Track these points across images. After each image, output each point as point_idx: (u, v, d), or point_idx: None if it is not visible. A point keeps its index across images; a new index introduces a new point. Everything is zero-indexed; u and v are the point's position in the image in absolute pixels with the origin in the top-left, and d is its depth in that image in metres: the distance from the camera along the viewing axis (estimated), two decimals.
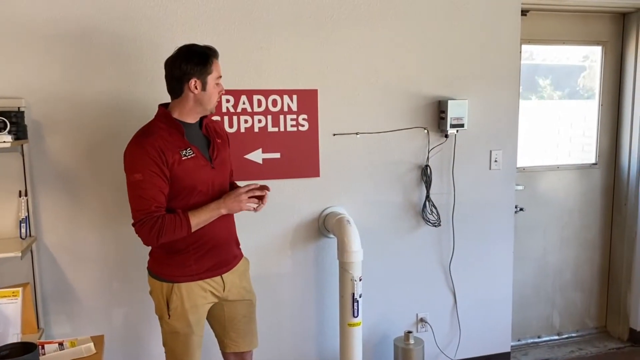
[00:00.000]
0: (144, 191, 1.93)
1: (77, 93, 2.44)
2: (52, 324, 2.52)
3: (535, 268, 3.57)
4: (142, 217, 1.94)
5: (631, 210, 3.55)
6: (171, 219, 1.96)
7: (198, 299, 2.11)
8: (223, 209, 2.05)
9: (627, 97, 3.50)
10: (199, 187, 2.04)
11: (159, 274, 2.11)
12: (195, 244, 2.08)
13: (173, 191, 2.01)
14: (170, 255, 2.08)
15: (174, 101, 2.06)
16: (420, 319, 3.11)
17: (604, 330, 3.79)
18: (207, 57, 2.00)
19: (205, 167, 2.07)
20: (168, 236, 1.97)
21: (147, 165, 1.92)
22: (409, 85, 2.90)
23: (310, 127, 2.77)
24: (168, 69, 2.03)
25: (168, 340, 2.17)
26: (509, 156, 3.14)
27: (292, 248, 2.83)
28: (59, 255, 2.51)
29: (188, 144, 2.03)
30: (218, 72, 2.05)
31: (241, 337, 2.31)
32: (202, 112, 2.08)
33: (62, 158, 2.46)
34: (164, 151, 1.95)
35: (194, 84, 1.99)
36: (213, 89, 2.04)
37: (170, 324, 2.11)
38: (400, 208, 2.99)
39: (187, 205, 2.03)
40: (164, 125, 2.02)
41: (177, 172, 1.98)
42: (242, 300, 2.28)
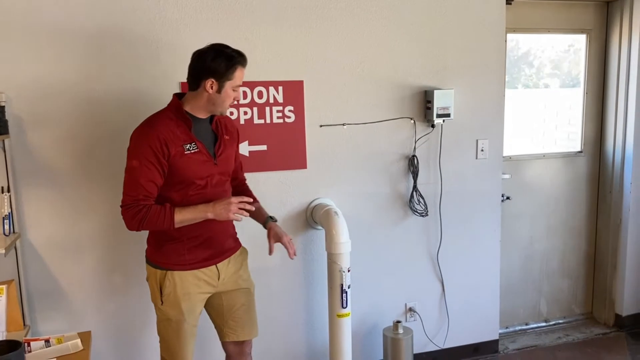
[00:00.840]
0: (137, 179, 1.96)
1: (58, 87, 2.41)
2: (39, 320, 2.50)
3: (522, 256, 3.60)
4: (129, 202, 1.98)
5: (616, 198, 3.58)
6: (156, 211, 1.98)
7: (191, 287, 2.12)
8: (210, 214, 2.04)
9: (612, 85, 3.52)
10: (197, 182, 2.06)
11: (154, 261, 2.14)
12: (190, 235, 2.10)
13: (172, 182, 2.03)
14: (165, 243, 2.11)
15: (189, 93, 2.07)
16: (409, 308, 3.12)
17: (591, 316, 3.83)
18: (233, 63, 2.00)
19: (207, 162, 2.09)
20: (150, 226, 2.00)
21: (146, 155, 1.95)
22: (395, 75, 2.89)
23: (296, 118, 2.76)
24: (192, 61, 2.04)
25: (161, 328, 2.19)
26: (495, 145, 3.15)
27: None
28: (43, 251, 2.48)
29: (193, 139, 2.05)
30: (239, 80, 2.05)
31: (240, 326, 2.33)
32: (212, 112, 2.10)
33: (44, 153, 2.43)
34: (167, 143, 1.97)
35: (210, 84, 2.00)
36: (228, 94, 2.04)
37: (162, 310, 2.14)
38: (388, 198, 2.99)
39: (185, 197, 2.06)
40: (173, 116, 2.04)
41: (178, 165, 2.01)
42: (239, 289, 2.30)
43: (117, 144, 2.50)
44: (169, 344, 2.19)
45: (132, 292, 2.63)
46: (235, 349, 2.38)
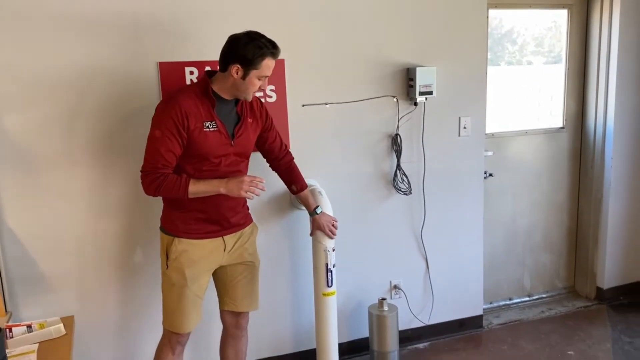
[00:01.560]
0: (158, 148, 2.05)
1: (33, 69, 2.35)
2: (21, 306, 2.47)
3: (505, 232, 3.63)
4: (148, 169, 2.08)
5: (597, 173, 3.62)
6: (172, 180, 2.08)
7: (196, 255, 2.20)
8: (223, 189, 2.12)
9: (593, 61, 3.53)
10: (211, 159, 2.14)
11: (165, 227, 2.24)
12: (198, 208, 2.18)
13: (187, 154, 2.11)
14: (175, 211, 2.21)
15: (219, 73, 2.13)
16: (393, 286, 3.15)
17: (573, 290, 3.90)
18: (262, 53, 2.04)
19: (225, 142, 2.15)
20: (165, 193, 2.11)
21: (168, 126, 2.04)
22: (377, 53, 2.86)
23: (278, 98, 2.73)
24: (226, 44, 2.09)
25: (165, 295, 2.26)
26: (477, 122, 3.15)
27: (265, 221, 2.81)
28: (23, 237, 2.44)
29: (214, 117, 2.12)
30: (266, 71, 2.09)
31: (240, 297, 2.39)
32: (236, 96, 2.15)
33: (21, 137, 2.38)
34: (188, 117, 2.05)
35: (235, 70, 2.05)
36: (252, 83, 2.09)
37: (167, 275, 2.22)
38: (372, 178, 2.99)
39: (198, 171, 2.14)
40: (200, 92, 2.11)
41: (195, 140, 2.08)
42: (243, 262, 2.36)
43: (95, 126, 2.46)
44: (171, 310, 2.25)
45: (114, 276, 2.61)
46: (232, 320, 2.44)
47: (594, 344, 3.19)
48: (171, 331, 2.26)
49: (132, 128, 2.50)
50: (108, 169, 2.51)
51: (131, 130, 2.50)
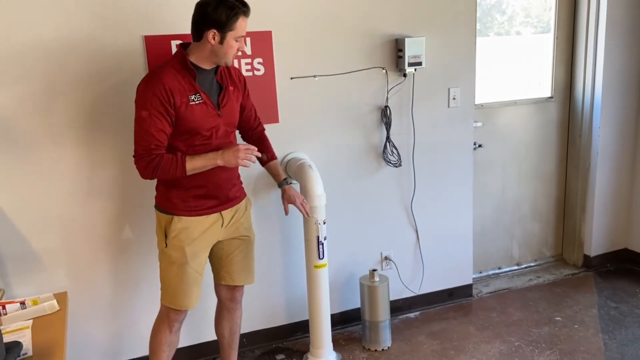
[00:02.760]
0: (148, 129, 2.02)
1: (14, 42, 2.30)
2: (13, 284, 2.47)
3: (494, 202, 3.67)
4: (142, 152, 2.05)
5: (585, 143, 3.64)
6: (168, 159, 2.05)
7: (195, 232, 2.20)
8: (219, 161, 2.10)
9: (581, 31, 3.52)
10: (202, 132, 2.11)
11: (162, 207, 2.22)
12: (195, 183, 2.16)
13: (178, 132, 2.08)
14: (171, 190, 2.18)
15: (193, 44, 2.08)
16: (384, 257, 3.18)
17: (561, 258, 3.96)
18: (235, 13, 1.99)
19: (212, 113, 2.13)
20: (162, 174, 2.08)
21: (154, 105, 2.00)
22: (365, 24, 2.84)
23: (266, 71, 2.70)
24: (195, 11, 2.03)
25: (164, 273, 2.26)
26: (467, 93, 3.15)
27: (255, 196, 2.81)
28: (13, 214, 2.43)
29: (198, 90, 2.08)
30: (241, 31, 2.05)
31: (236, 271, 2.40)
32: (216, 63, 2.12)
33: (4, 113, 2.34)
34: (173, 93, 2.01)
35: (212, 35, 2.01)
36: (231, 45, 2.04)
37: (166, 253, 2.21)
38: (361, 150, 2.99)
39: (191, 146, 2.12)
40: (179, 66, 2.07)
41: (183, 115, 2.05)
42: (239, 237, 2.37)
43: (80, 101, 2.43)
44: (171, 290, 2.25)
45: (106, 252, 2.62)
46: (227, 293, 2.45)
47: (581, 310, 3.26)
48: (170, 308, 2.26)
49: (117, 104, 2.47)
50: (93, 147, 2.49)
51: (118, 106, 2.47)
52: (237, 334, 2.55)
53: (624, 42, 3.46)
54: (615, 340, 2.93)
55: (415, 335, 3.10)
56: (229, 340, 2.53)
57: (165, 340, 2.31)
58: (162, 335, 2.31)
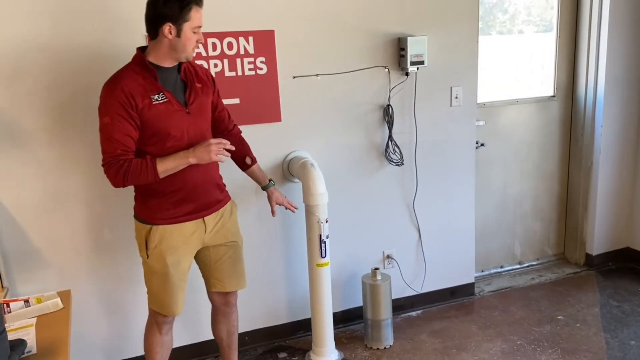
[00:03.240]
0: (112, 134, 1.96)
1: (23, 42, 2.31)
2: (17, 282, 2.49)
3: (496, 201, 3.67)
4: (109, 160, 1.98)
5: (587, 141, 3.64)
6: (137, 163, 1.98)
7: (176, 240, 2.15)
8: (192, 158, 2.04)
9: (584, 29, 3.51)
10: (172, 132, 2.04)
11: (141, 217, 2.17)
12: (172, 188, 2.10)
13: (146, 135, 2.02)
14: (149, 198, 2.12)
15: (151, 43, 2.04)
16: (386, 255, 3.19)
17: (562, 257, 3.96)
18: (186, 3, 1.95)
19: (179, 112, 2.06)
20: (134, 180, 2.01)
21: (115, 109, 1.94)
22: (368, 23, 2.84)
23: (269, 70, 2.71)
24: (146, 9, 1.99)
25: (147, 280, 2.23)
26: (469, 92, 3.15)
27: (257, 195, 2.81)
28: (17, 212, 2.44)
29: (161, 89, 2.02)
30: (197, 20, 1.99)
31: (227, 277, 2.36)
32: (177, 59, 2.05)
33: (11, 111, 2.36)
34: (133, 95, 1.95)
35: (168, 29, 1.95)
36: (189, 37, 1.99)
37: (148, 263, 2.18)
38: (364, 149, 3.00)
39: (162, 150, 2.04)
40: (138, 68, 2.01)
41: (148, 117, 1.99)
42: (227, 243, 2.31)
43: (88, 100, 2.43)
44: (156, 295, 2.23)
45: (109, 249, 2.62)
46: (220, 299, 2.43)
47: (583, 309, 3.26)
48: (158, 312, 2.25)
49: None
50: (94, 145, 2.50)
51: None
52: (235, 334, 2.53)
53: (626, 41, 3.46)
54: (617, 339, 2.94)
55: (418, 333, 3.10)
56: (228, 341, 2.52)
57: (156, 341, 2.31)
58: (153, 337, 2.31)
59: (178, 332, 2.65)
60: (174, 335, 2.39)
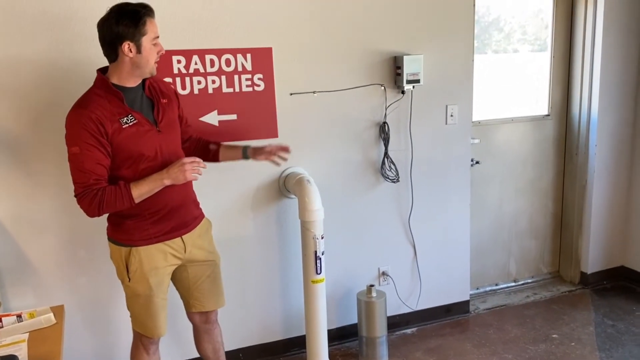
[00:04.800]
0: (82, 164, 1.90)
1: (14, 58, 2.32)
2: (10, 296, 2.47)
3: (491, 218, 3.68)
4: (82, 191, 1.92)
5: (582, 160, 3.67)
6: (111, 191, 1.93)
7: (157, 261, 2.11)
8: (166, 180, 1.99)
9: (578, 49, 3.56)
10: (145, 153, 2.00)
11: (117, 239, 2.10)
12: (151, 209, 2.06)
13: (119, 160, 1.97)
14: (126, 220, 2.06)
15: (111, 65, 1.98)
16: (382, 272, 3.18)
17: (557, 275, 3.97)
18: (140, 17, 1.89)
19: (150, 131, 2.02)
20: (109, 208, 1.96)
21: (84, 138, 1.88)
22: (364, 41, 2.87)
23: (266, 86, 2.73)
24: (100, 32, 1.93)
25: (131, 304, 2.18)
26: (464, 110, 3.18)
27: (253, 210, 2.82)
28: (10, 226, 2.44)
29: (129, 111, 1.97)
30: (154, 32, 1.94)
31: (206, 297, 2.33)
32: (142, 76, 2.00)
33: (5, 126, 2.36)
34: (102, 122, 1.89)
35: (127, 48, 1.90)
36: (149, 51, 1.94)
37: (131, 287, 2.12)
38: (360, 165, 3.01)
39: (136, 172, 2.00)
40: (102, 92, 1.95)
41: (119, 141, 1.94)
42: (205, 261, 2.28)
43: None
44: (140, 319, 2.19)
45: (103, 265, 2.60)
46: (201, 318, 2.39)
47: (578, 327, 3.26)
48: (142, 335, 2.22)
49: None
50: None
51: None
52: (221, 350, 2.49)
53: (620, 61, 3.50)
54: (612, 358, 2.93)
55: (412, 351, 3.09)
56: (215, 358, 2.48)
57: None
58: (140, 358, 2.27)
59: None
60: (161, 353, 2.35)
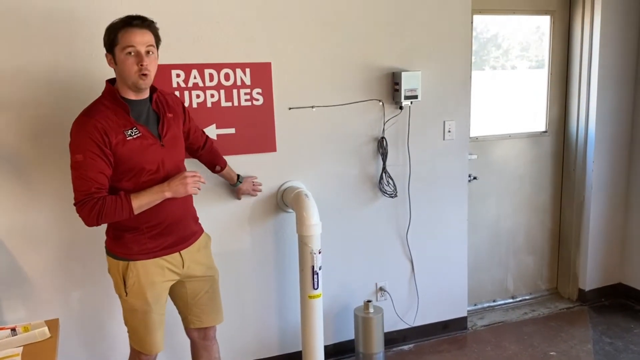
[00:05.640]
0: (85, 172, 1.91)
1: (18, 71, 2.34)
2: (4, 310, 2.45)
3: (489, 234, 3.68)
4: (83, 198, 1.93)
5: (579, 176, 3.68)
6: (112, 200, 1.94)
7: (155, 276, 2.10)
8: (167, 192, 2.01)
9: (575, 66, 3.59)
10: (147, 167, 2.01)
11: (115, 252, 2.10)
12: (149, 223, 2.06)
13: (120, 172, 1.98)
14: (125, 233, 2.07)
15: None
16: (379, 288, 3.17)
17: (555, 292, 3.95)
18: (114, 29, 1.92)
19: (153, 145, 2.03)
20: (108, 218, 1.96)
21: (88, 147, 1.90)
22: (363, 57, 2.89)
23: (265, 101, 2.74)
24: None
25: (128, 319, 2.17)
26: (462, 126, 3.19)
27: (251, 224, 2.82)
28: (7, 239, 2.43)
29: (134, 123, 1.99)
30: (127, 42, 1.90)
31: (205, 313, 2.32)
32: (133, 88, 1.99)
33: (4, 139, 2.36)
34: (107, 132, 1.92)
35: (109, 60, 1.97)
36: (123, 61, 1.92)
37: (128, 301, 2.11)
38: (358, 180, 3.01)
39: (137, 185, 2.01)
40: (109, 103, 1.98)
41: (122, 153, 1.95)
42: (203, 277, 2.27)
43: None
44: (137, 335, 2.17)
45: (98, 279, 2.59)
46: (199, 334, 2.38)
47: (576, 345, 3.24)
48: (140, 352, 2.20)
49: None
50: None
51: None
52: None
53: (616, 78, 3.52)
54: None
55: None
56: None
57: None
58: None
59: None
60: None
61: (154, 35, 1.99)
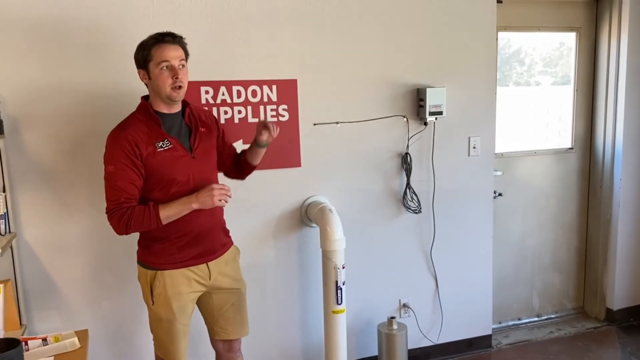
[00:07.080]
0: (116, 182, 1.98)
1: (53, 87, 2.41)
2: (35, 320, 2.51)
3: (514, 251, 3.64)
4: (113, 207, 1.99)
5: (606, 193, 3.63)
6: (140, 210, 1.99)
7: (181, 286, 2.13)
8: (195, 204, 2.04)
9: (601, 83, 3.56)
10: (177, 178, 2.06)
11: (144, 262, 2.15)
12: (178, 233, 2.10)
13: (151, 182, 2.04)
14: (154, 243, 2.11)
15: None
16: (403, 304, 3.15)
17: (582, 311, 3.88)
18: (148, 46, 2.00)
19: (184, 157, 2.08)
20: (137, 227, 2.01)
21: (119, 158, 1.97)
22: (388, 73, 2.92)
23: (290, 117, 2.78)
24: None
25: (153, 327, 2.21)
26: (487, 142, 3.18)
27: (274, 238, 2.84)
28: (40, 250, 2.49)
29: (165, 135, 2.05)
30: (160, 56, 1.98)
31: (230, 324, 2.34)
32: (166, 102, 2.06)
33: (40, 152, 2.43)
34: (138, 144, 1.99)
35: (142, 75, 2.05)
36: (157, 75, 2.00)
37: (154, 310, 2.15)
38: (381, 196, 3.02)
39: (167, 196, 2.05)
40: (142, 116, 2.06)
41: (153, 164, 2.01)
42: (230, 289, 2.30)
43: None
44: (162, 343, 2.20)
45: (127, 290, 2.64)
46: (224, 346, 2.39)
47: None
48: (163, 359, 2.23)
49: None
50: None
51: None
52: None
53: None
54: None
55: None
56: None
57: None
58: None
59: None
60: None
61: (183, 50, 2.06)
